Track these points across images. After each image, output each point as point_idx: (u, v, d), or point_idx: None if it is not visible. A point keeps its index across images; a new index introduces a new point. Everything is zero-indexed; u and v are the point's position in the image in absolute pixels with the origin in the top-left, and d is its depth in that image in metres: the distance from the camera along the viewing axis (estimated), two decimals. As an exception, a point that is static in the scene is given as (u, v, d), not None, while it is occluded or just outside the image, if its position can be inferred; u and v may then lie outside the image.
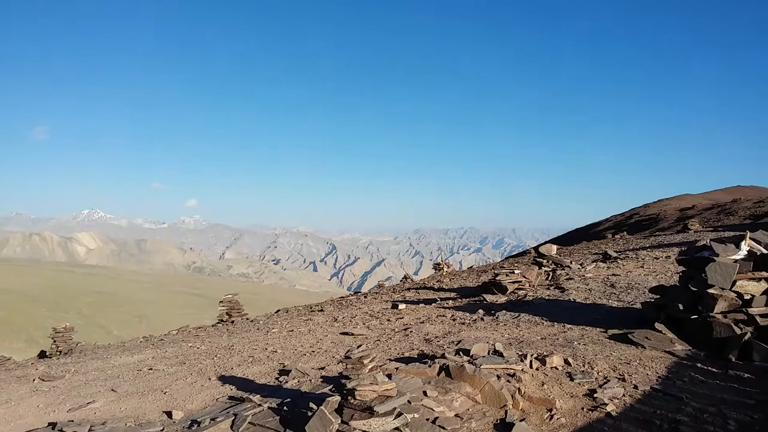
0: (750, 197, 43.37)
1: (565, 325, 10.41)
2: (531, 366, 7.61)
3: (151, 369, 10.51)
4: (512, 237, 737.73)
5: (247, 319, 19.87)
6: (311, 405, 6.07)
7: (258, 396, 7.29)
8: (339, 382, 6.21)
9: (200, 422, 6.50)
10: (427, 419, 5.85)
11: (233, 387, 8.31)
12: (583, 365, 7.77)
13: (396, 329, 12.01)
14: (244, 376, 8.99)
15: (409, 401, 5.87)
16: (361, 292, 27.14)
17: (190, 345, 13.28)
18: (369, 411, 5.48)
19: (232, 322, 19.37)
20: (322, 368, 9.00)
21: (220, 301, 20.84)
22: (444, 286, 19.82)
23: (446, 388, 6.66)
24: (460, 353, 8.17)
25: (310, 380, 8.17)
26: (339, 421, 5.52)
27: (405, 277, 27.50)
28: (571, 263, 18.58)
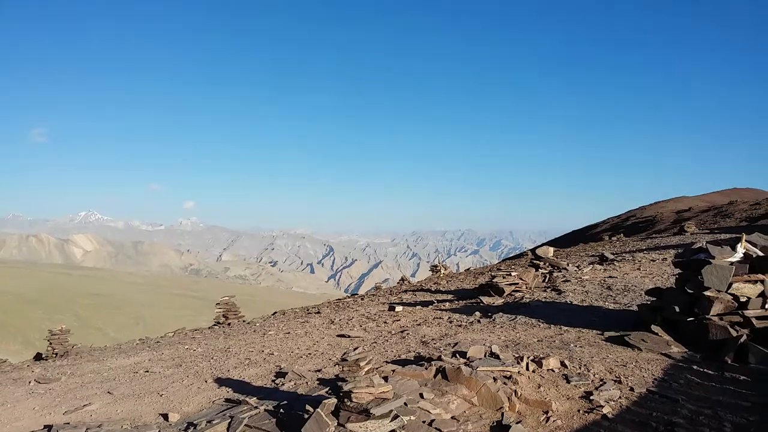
0: (746, 199, 43.50)
1: (562, 327, 10.42)
2: (527, 368, 7.62)
3: (148, 371, 10.49)
4: (509, 239, 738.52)
5: (243, 321, 19.86)
6: (308, 407, 6.06)
7: (254, 398, 7.28)
8: (335, 385, 6.21)
9: (196, 425, 6.48)
10: (424, 421, 5.84)
11: (230, 389, 8.30)
12: (580, 367, 7.78)
13: (393, 331, 12.00)
14: (241, 379, 8.98)
15: (405, 403, 5.86)
16: (358, 294, 27.14)
17: (186, 347, 13.26)
18: (365, 413, 5.47)
19: (228, 324, 19.34)
20: (319, 370, 9.00)
21: (216, 303, 20.81)
22: (441, 288, 19.82)
23: (443, 390, 6.66)
24: (457, 355, 8.18)
25: (307, 382, 8.16)
26: (335, 424, 5.51)
27: (402, 279, 27.51)
28: (567, 265, 18.60)
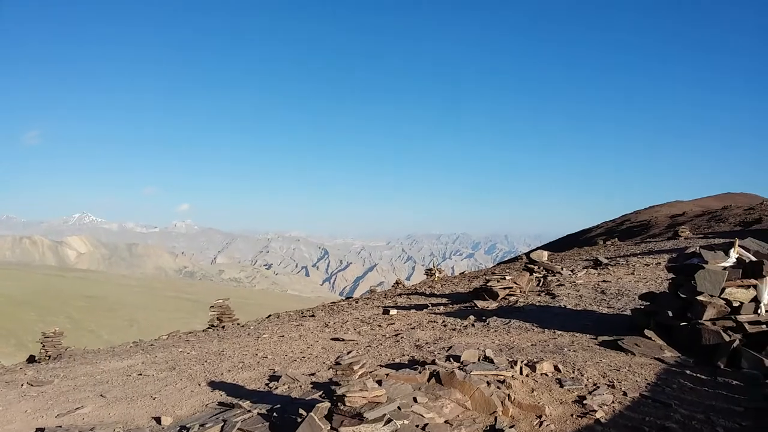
0: (740, 204, 43.64)
1: (556, 332, 10.44)
2: (521, 372, 7.63)
3: (141, 374, 10.45)
4: (504, 243, 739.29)
5: (237, 324, 19.82)
6: (301, 411, 6.06)
7: (248, 402, 7.26)
8: (329, 389, 6.20)
9: (189, 428, 6.46)
10: (417, 425, 5.84)
11: (223, 393, 8.28)
12: (573, 372, 7.80)
13: (387, 335, 12.00)
14: (234, 382, 8.95)
15: (399, 407, 5.86)
16: (353, 297, 27.12)
17: (180, 350, 13.22)
18: (359, 417, 5.46)
19: (222, 327, 19.30)
20: (313, 374, 8.99)
21: (210, 306, 20.77)
22: (435, 292, 19.83)
23: (436, 394, 6.66)
24: (451, 359, 8.18)
25: (300, 386, 8.15)
26: (328, 428, 5.50)
27: (397, 283, 27.51)
28: (562, 269, 18.64)
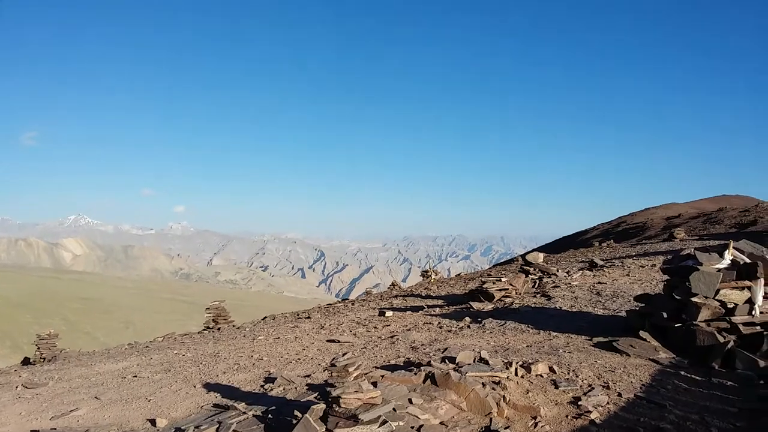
0: (735, 206, 43.77)
1: (551, 333, 10.46)
2: (516, 374, 7.64)
3: (136, 376, 10.43)
4: (500, 244, 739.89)
5: (233, 326, 19.78)
6: (296, 413, 6.06)
7: (243, 404, 7.26)
8: (324, 390, 6.20)
9: (184, 430, 6.46)
10: (412, 427, 5.85)
11: (218, 394, 8.27)
12: (568, 373, 7.81)
13: (382, 337, 12.00)
14: (230, 384, 8.95)
15: (394, 409, 5.86)
16: (349, 299, 27.10)
17: (175, 352, 13.20)
18: (354, 419, 5.46)
19: (218, 329, 19.26)
20: (308, 376, 8.99)
21: (206, 308, 20.72)
22: (431, 294, 19.84)
23: (432, 395, 6.66)
24: (446, 361, 8.19)
25: (296, 388, 8.15)
26: (323, 429, 5.50)
27: (393, 285, 27.49)
28: (557, 271, 18.68)
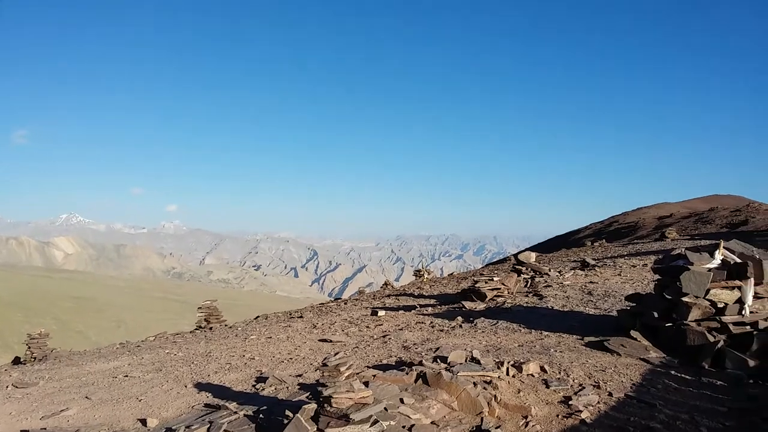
0: (727, 206, 43.98)
1: (543, 333, 10.49)
2: (507, 373, 7.66)
3: (127, 376, 10.39)
4: (493, 244, 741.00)
5: (225, 325, 19.72)
6: (287, 413, 6.05)
7: (234, 403, 7.24)
8: (316, 390, 6.20)
9: (175, 430, 6.44)
10: (404, 426, 5.85)
11: (209, 394, 8.25)
12: (559, 372, 7.84)
13: (375, 336, 12.00)
14: (221, 384, 8.93)
15: (385, 408, 5.87)
16: (342, 298, 27.09)
17: (167, 351, 13.16)
18: (345, 418, 5.46)
19: (210, 328, 19.20)
20: (300, 375, 8.98)
21: (198, 307, 20.65)
22: (424, 293, 19.84)
23: (423, 395, 6.67)
24: (438, 360, 8.19)
25: (287, 387, 8.14)
26: (315, 429, 5.50)
27: (385, 284, 27.50)
28: (549, 270, 18.72)
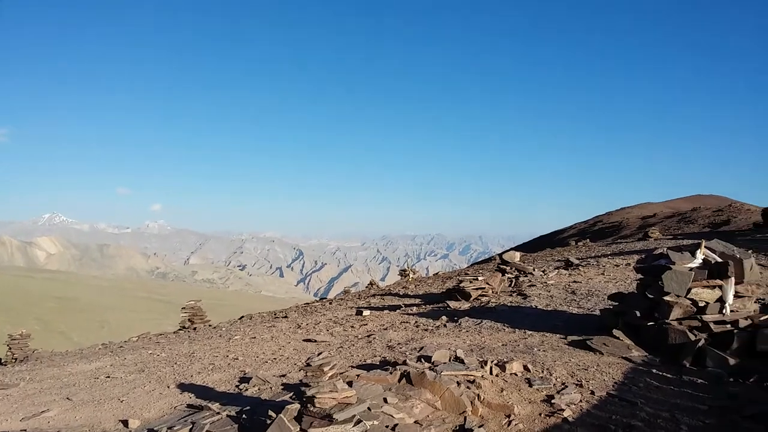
0: (709, 206, 44.47)
1: (526, 332, 10.53)
2: (491, 372, 7.68)
3: (109, 377, 10.29)
4: (479, 244, 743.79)
5: (209, 325, 19.64)
6: (270, 413, 6.02)
7: (217, 404, 7.20)
8: (299, 390, 6.17)
9: (157, 431, 6.39)
10: (387, 426, 5.84)
11: (192, 395, 8.19)
12: (542, 371, 7.87)
13: (359, 336, 11.99)
14: (204, 384, 8.87)
15: (369, 408, 5.86)
16: (327, 298, 27.04)
17: (150, 352, 13.06)
18: (328, 418, 5.45)
19: (194, 328, 19.11)
20: (284, 375, 8.94)
21: (182, 308, 20.55)
22: (409, 293, 19.86)
23: (407, 394, 6.67)
24: (422, 360, 8.20)
25: (271, 388, 8.10)
26: (298, 429, 5.47)
27: (371, 284, 27.49)
28: (533, 270, 18.80)
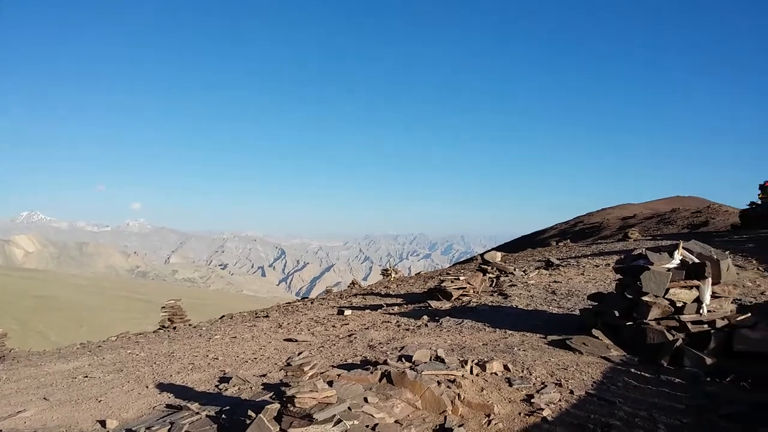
0: (688, 207, 45.00)
1: (507, 331, 10.58)
2: (471, 372, 7.70)
3: (87, 376, 10.18)
4: (461, 243, 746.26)
5: (189, 325, 19.49)
6: (250, 413, 5.99)
7: (196, 404, 7.15)
8: (279, 390, 6.15)
9: (135, 431, 6.34)
10: (367, 426, 5.84)
11: (171, 395, 8.13)
12: (522, 371, 7.92)
13: (340, 335, 11.97)
14: (184, 384, 8.81)
15: (349, 408, 5.84)
16: (309, 297, 26.99)
17: (129, 352, 12.94)
18: (308, 418, 5.43)
19: (174, 328, 18.96)
20: (264, 375, 8.90)
21: (162, 307, 20.38)
22: (391, 292, 19.88)
23: (387, 394, 6.67)
24: (403, 359, 8.20)
25: (251, 387, 8.06)
26: (277, 429, 5.45)
27: (353, 283, 27.47)
28: (514, 270, 18.90)
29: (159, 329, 19.50)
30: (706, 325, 8.76)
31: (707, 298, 8.97)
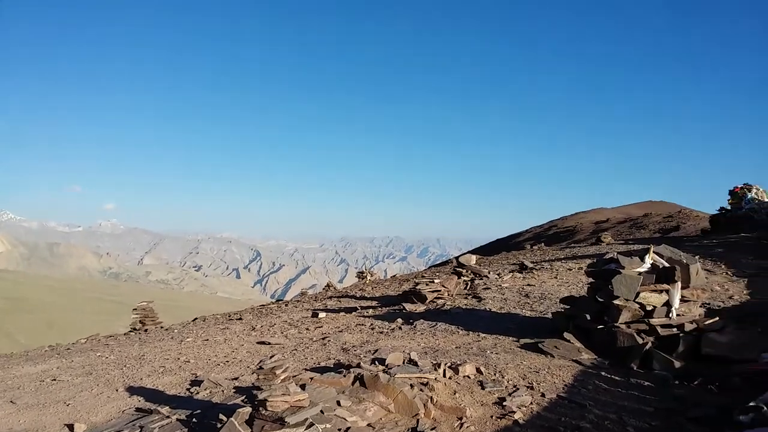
0: (660, 212, 45.64)
1: (480, 334, 10.64)
2: (444, 375, 7.73)
3: (55, 380, 9.98)
4: (437, 246, 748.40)
5: (161, 327, 19.26)
6: (221, 416, 5.94)
7: (167, 407, 7.06)
8: (251, 393, 6.11)
9: (103, 436, 6.25)
10: (339, 429, 5.82)
11: (141, 398, 8.02)
12: (495, 374, 7.96)
13: (314, 338, 11.93)
14: (154, 387, 8.69)
15: (322, 411, 5.82)
16: (283, 300, 26.86)
17: (98, 354, 12.73)
18: (280, 422, 5.40)
19: (145, 330, 18.72)
20: (236, 378, 8.83)
21: (133, 309, 20.14)
22: (366, 295, 19.85)
23: (360, 397, 6.66)
24: (376, 362, 8.20)
25: (223, 391, 7.99)
26: (249, 433, 5.42)
27: (328, 285, 27.41)
28: (489, 273, 19.00)
29: (130, 332, 19.24)
30: (675, 329, 8.89)
31: (676, 301, 9.11)
